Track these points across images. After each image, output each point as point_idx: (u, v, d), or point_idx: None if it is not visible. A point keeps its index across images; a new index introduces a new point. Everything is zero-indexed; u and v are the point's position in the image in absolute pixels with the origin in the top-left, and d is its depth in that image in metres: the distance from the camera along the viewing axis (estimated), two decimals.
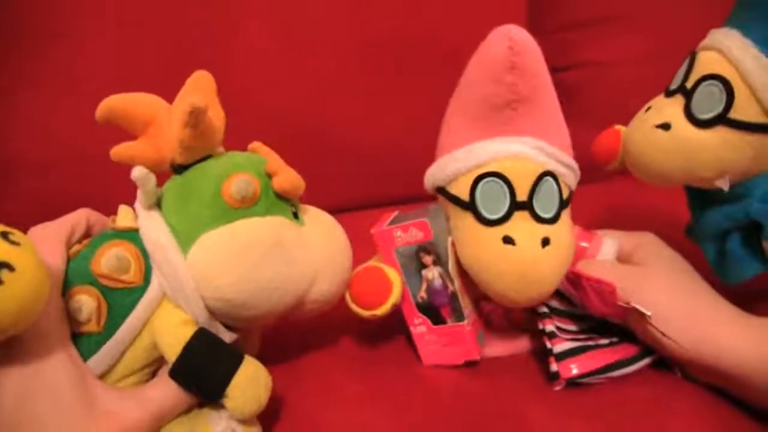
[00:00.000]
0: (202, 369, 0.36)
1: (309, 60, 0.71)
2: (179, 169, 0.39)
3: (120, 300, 0.36)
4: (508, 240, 0.40)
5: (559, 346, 0.43)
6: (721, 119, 0.38)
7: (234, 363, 0.37)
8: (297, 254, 0.39)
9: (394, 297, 0.43)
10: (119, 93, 0.39)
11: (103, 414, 0.34)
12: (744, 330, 0.39)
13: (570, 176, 0.44)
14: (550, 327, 0.44)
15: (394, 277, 0.44)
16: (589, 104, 0.78)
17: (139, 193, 0.38)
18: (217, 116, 0.39)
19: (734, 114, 0.37)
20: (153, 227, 0.38)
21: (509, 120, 0.41)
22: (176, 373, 0.36)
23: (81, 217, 0.40)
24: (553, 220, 0.41)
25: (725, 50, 0.38)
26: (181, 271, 0.37)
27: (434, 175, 0.44)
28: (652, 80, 0.45)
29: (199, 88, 0.39)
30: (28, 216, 0.34)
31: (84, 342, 0.36)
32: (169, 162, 0.39)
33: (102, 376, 0.36)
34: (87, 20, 0.66)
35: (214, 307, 0.38)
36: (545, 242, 0.40)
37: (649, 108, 0.42)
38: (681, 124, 0.39)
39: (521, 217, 0.41)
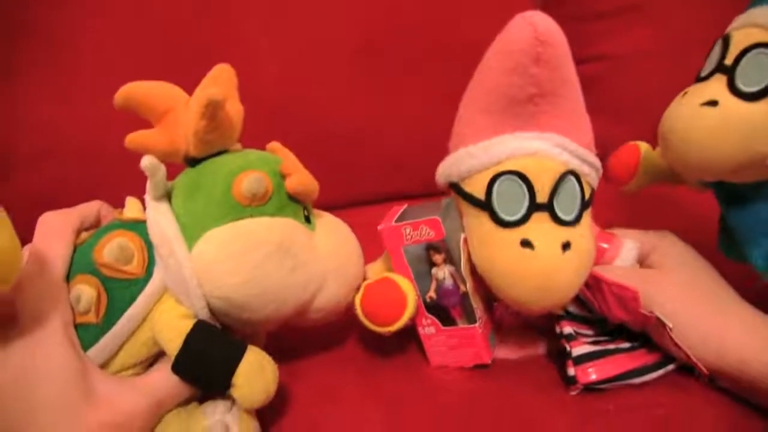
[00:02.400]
0: (205, 360, 0.35)
1: (315, 55, 0.69)
2: (193, 162, 0.39)
3: (120, 292, 0.35)
4: (526, 243, 0.37)
5: (578, 349, 0.40)
6: None
7: (237, 352, 0.35)
8: (304, 258, 0.38)
9: (408, 312, 0.40)
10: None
11: (100, 400, 0.33)
12: None
13: (593, 175, 0.41)
14: (568, 329, 0.41)
15: (408, 288, 0.41)
16: (607, 97, 0.74)
17: (149, 184, 0.37)
18: (235, 111, 0.39)
19: None
20: (161, 219, 0.37)
21: (530, 115, 0.38)
22: (179, 367, 0.35)
23: (93, 207, 0.40)
24: (573, 222, 0.39)
25: (763, 22, 0.35)
26: (185, 266, 0.36)
27: (448, 169, 0.41)
28: (671, 73, 0.43)
29: (219, 81, 0.39)
30: (24, 210, 0.33)
31: (82, 333, 0.35)
32: (182, 154, 0.38)
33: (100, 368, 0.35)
34: (82, 11, 0.65)
35: (214, 305, 0.36)
36: (565, 246, 0.38)
37: (685, 93, 0.39)
38: (729, 100, 0.36)
39: (540, 219, 0.38)
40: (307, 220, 0.40)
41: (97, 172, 0.61)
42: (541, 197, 0.38)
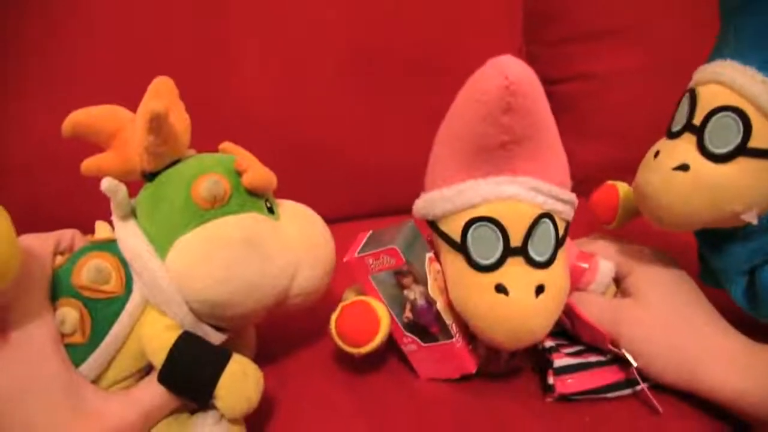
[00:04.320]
0: (188, 372, 0.37)
1: (304, 74, 0.70)
2: (150, 176, 0.40)
3: (103, 311, 0.37)
4: (500, 289, 0.38)
5: (559, 361, 0.42)
6: (741, 151, 0.36)
7: (220, 364, 0.37)
8: (273, 249, 0.39)
9: (381, 334, 0.41)
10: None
11: (90, 414, 0.34)
12: (742, 364, 0.38)
13: (568, 210, 0.41)
14: (549, 343, 0.43)
15: (383, 313, 0.42)
16: (586, 117, 0.77)
17: (112, 205, 0.38)
18: (180, 120, 0.39)
19: (754, 143, 0.36)
20: (129, 236, 0.38)
21: (503, 159, 0.38)
22: (164, 379, 0.37)
23: (67, 233, 0.41)
24: (548, 263, 0.39)
25: (728, 81, 0.37)
26: (160, 277, 0.37)
27: (423, 209, 0.42)
28: (650, 94, 0.44)
29: (160, 94, 0.39)
30: (16, 221, 0.34)
31: (71, 352, 0.36)
32: (138, 171, 0.39)
33: (92, 383, 0.37)
34: (75, 25, 0.65)
35: (196, 309, 0.38)
36: (539, 290, 0.39)
37: (657, 152, 0.40)
38: (699, 163, 0.37)
39: (515, 263, 0.39)
40: (271, 210, 0.41)
41: (90, 182, 0.62)
42: (516, 241, 0.38)
